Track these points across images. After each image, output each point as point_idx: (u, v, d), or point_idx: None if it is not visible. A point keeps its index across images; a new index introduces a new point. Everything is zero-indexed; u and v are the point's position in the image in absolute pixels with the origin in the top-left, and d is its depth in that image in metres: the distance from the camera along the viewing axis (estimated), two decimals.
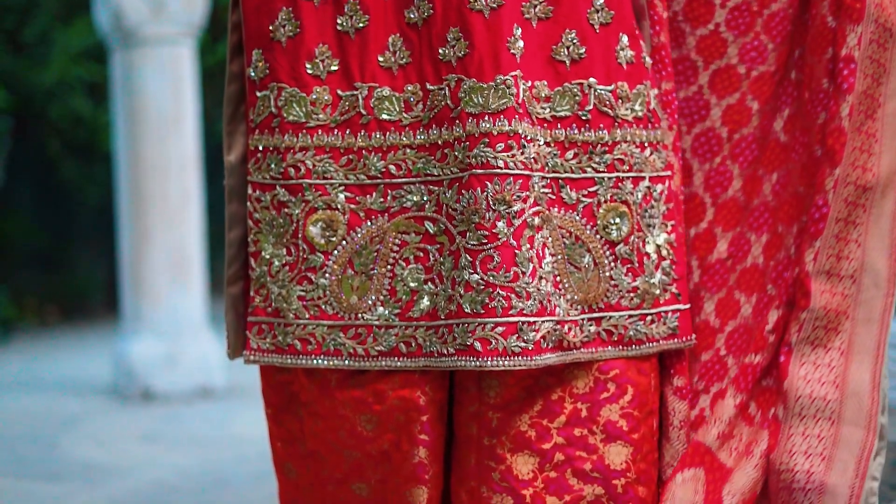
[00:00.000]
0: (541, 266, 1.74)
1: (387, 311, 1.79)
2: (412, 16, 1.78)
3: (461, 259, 1.73)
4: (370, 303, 1.80)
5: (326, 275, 1.81)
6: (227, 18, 1.91)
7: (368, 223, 1.80)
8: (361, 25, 1.80)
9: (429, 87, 1.77)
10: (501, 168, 1.72)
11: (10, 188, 7.64)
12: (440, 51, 1.76)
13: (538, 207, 1.75)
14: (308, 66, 1.81)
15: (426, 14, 1.77)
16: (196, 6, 5.07)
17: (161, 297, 5.08)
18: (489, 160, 1.72)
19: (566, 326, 1.75)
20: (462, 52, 1.74)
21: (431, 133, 1.77)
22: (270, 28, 1.83)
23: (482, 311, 1.71)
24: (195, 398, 4.99)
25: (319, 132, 1.81)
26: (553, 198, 1.77)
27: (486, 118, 1.72)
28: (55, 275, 8.11)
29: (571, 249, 1.79)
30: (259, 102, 1.84)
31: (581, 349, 1.77)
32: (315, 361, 1.81)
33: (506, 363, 1.71)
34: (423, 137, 1.78)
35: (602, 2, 1.80)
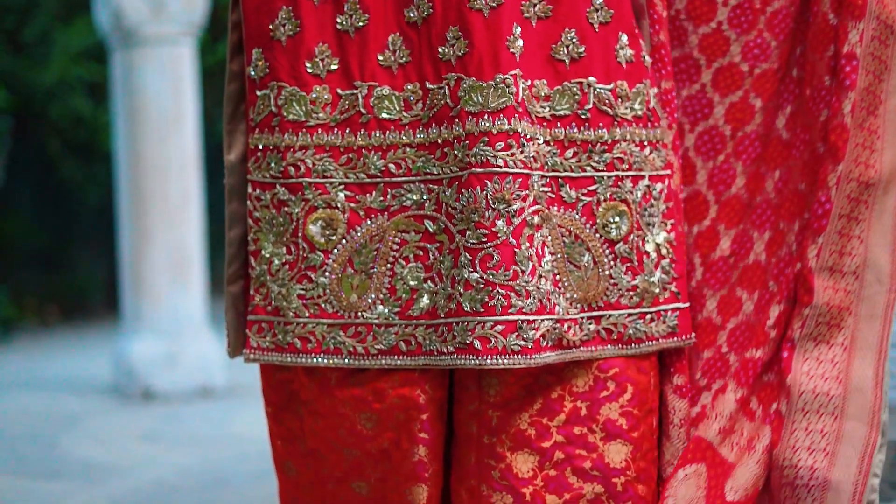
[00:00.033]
0: (540, 264, 1.74)
1: (386, 310, 1.79)
2: (412, 15, 1.78)
3: (461, 257, 1.73)
4: (370, 301, 1.80)
5: (326, 273, 1.81)
6: (227, 18, 1.91)
7: (368, 222, 1.80)
8: (361, 24, 1.80)
9: (428, 86, 1.77)
10: (501, 167, 1.72)
11: (10, 188, 7.64)
12: (440, 50, 1.76)
13: (538, 206, 1.74)
14: (308, 65, 1.81)
15: (426, 13, 1.77)
16: (196, 6, 5.07)
17: (161, 297, 5.08)
18: (489, 159, 1.72)
19: (566, 325, 1.75)
20: (462, 51, 1.74)
21: (431, 132, 1.77)
22: (270, 27, 1.83)
23: (482, 310, 1.71)
24: (195, 397, 4.99)
25: (319, 131, 1.81)
26: (552, 196, 1.77)
27: (486, 117, 1.72)
28: (55, 275, 8.11)
29: (571, 248, 1.79)
30: (259, 101, 1.84)
31: (581, 348, 1.77)
32: (315, 360, 1.81)
33: (505, 362, 1.71)
34: (423, 136, 1.78)
35: (601, 1, 1.80)
